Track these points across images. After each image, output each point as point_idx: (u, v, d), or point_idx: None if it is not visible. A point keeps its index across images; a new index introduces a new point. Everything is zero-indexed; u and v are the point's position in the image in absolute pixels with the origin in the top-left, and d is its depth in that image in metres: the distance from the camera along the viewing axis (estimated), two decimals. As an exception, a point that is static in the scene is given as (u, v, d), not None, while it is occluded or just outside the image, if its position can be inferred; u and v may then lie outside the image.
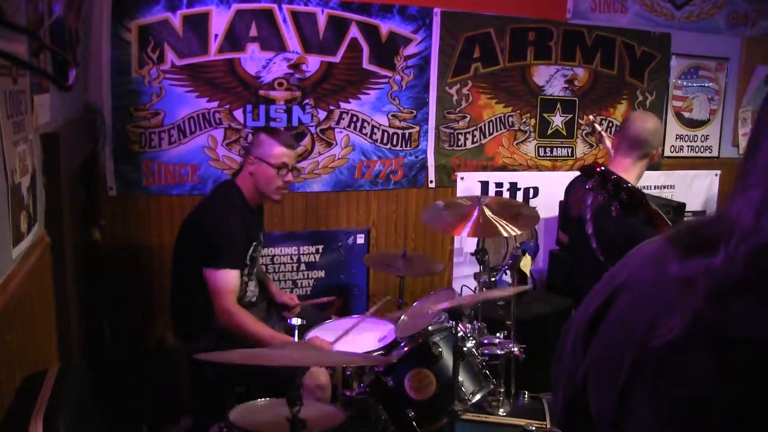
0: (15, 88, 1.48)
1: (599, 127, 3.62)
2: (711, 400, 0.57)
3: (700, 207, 4.28)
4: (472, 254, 3.05)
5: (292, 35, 3.25)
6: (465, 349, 2.29)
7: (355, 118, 3.47)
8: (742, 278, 0.56)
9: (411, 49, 3.50)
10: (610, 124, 4.01)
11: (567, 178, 3.11)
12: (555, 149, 3.98)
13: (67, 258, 1.87)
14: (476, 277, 2.90)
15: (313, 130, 3.40)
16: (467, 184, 3.75)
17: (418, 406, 2.21)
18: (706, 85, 4.29)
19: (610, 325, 0.70)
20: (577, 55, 3.88)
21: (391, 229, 3.68)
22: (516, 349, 2.57)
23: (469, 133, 3.74)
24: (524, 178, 3.90)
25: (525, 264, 2.76)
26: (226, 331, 2.42)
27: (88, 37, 2.84)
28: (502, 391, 2.63)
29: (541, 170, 3.95)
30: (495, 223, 2.68)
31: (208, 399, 2.56)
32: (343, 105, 3.43)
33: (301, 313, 2.80)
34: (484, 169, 3.81)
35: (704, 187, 4.30)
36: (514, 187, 3.88)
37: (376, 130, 3.52)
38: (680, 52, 4.14)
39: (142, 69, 3.02)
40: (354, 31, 3.37)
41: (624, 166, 2.60)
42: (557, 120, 3.94)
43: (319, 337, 2.52)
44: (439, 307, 2.30)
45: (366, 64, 3.43)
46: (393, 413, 2.27)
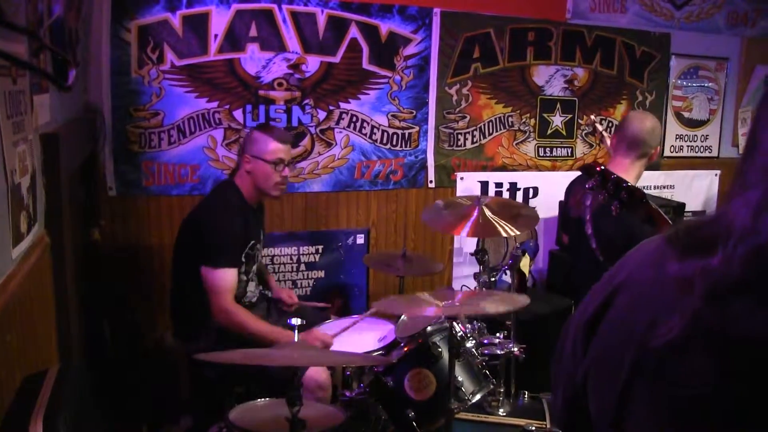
0: (15, 88, 1.48)
1: (600, 127, 3.62)
2: (711, 400, 0.57)
3: (700, 207, 4.28)
4: (471, 254, 3.06)
5: (292, 35, 3.25)
6: (462, 349, 2.29)
7: (354, 119, 3.47)
8: (740, 279, 0.56)
9: (411, 49, 3.49)
10: (610, 124, 4.01)
11: (567, 178, 3.11)
12: (555, 149, 3.98)
13: (67, 258, 1.87)
14: (476, 277, 2.90)
15: (312, 130, 3.40)
16: (467, 184, 3.75)
17: (417, 407, 2.21)
18: (706, 85, 4.29)
19: (610, 325, 0.70)
20: (577, 55, 3.88)
21: (391, 229, 3.68)
22: (516, 349, 2.57)
23: (468, 133, 3.74)
24: (524, 178, 3.90)
25: (525, 264, 2.76)
26: (226, 331, 2.42)
27: (88, 37, 2.84)
28: (502, 391, 2.64)
29: (540, 170, 3.95)
30: (495, 223, 2.68)
31: (207, 399, 2.57)
32: (343, 105, 3.43)
33: (300, 313, 2.80)
34: (484, 169, 3.81)
35: (704, 187, 4.30)
36: (513, 187, 3.88)
37: (375, 130, 3.52)
38: (680, 52, 4.14)
39: (142, 69, 3.02)
40: (354, 32, 3.36)
41: (623, 166, 2.60)
42: (557, 120, 3.93)
43: (320, 330, 2.53)
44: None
45: (366, 65, 3.43)
46: (393, 413, 2.27)
